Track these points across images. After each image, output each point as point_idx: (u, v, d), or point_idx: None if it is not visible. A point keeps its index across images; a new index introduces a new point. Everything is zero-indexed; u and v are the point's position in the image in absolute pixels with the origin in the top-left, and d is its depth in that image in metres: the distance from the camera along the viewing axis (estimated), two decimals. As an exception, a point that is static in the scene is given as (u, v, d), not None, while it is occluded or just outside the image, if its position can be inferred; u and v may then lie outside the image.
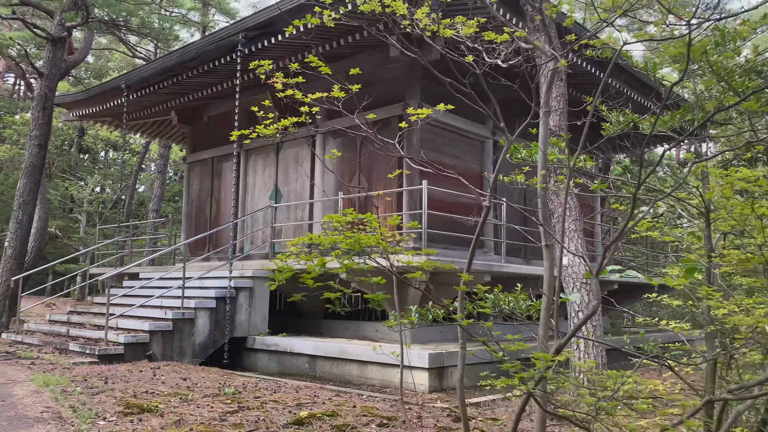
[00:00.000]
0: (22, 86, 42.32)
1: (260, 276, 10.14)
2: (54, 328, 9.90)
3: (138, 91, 12.59)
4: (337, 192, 11.41)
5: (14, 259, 12.66)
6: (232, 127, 14.80)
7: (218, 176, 14.23)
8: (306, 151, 12.21)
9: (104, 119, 15.19)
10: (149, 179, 35.32)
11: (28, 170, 12.84)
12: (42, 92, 13.08)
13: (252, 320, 9.98)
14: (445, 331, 10.38)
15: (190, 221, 14.83)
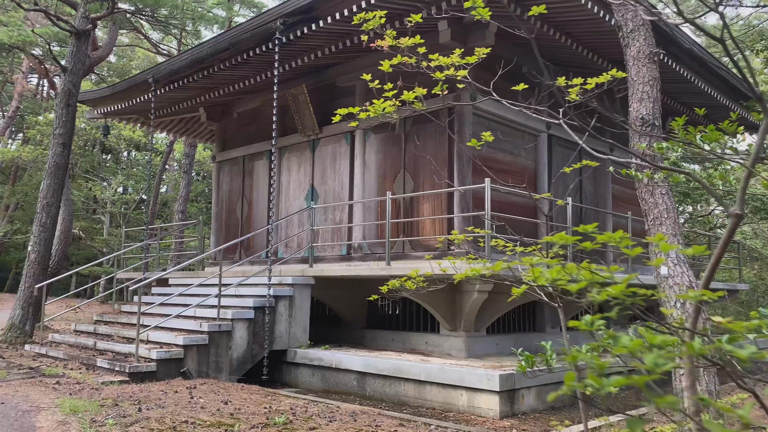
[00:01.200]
0: (45, 86, 42.17)
1: (301, 283, 9.34)
2: (80, 340, 9.20)
3: (166, 85, 11.87)
4: (379, 192, 10.57)
5: (38, 264, 12.02)
6: (263, 123, 14.06)
7: (250, 175, 13.47)
8: (344, 148, 11.39)
9: (130, 116, 14.53)
10: (172, 179, 34.85)
11: (51, 170, 12.19)
12: (65, 88, 12.42)
13: (292, 331, 9.19)
14: (501, 344, 9.50)
15: (220, 223, 14.10)
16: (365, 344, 10.31)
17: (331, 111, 12.24)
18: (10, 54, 29.41)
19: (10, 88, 37.30)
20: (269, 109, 13.27)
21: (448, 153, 9.68)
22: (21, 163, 31.10)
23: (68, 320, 20.32)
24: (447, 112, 9.73)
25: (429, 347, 9.35)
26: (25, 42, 19.45)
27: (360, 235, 10.83)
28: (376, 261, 10.40)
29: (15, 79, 33.97)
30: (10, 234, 33.88)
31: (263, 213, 13.00)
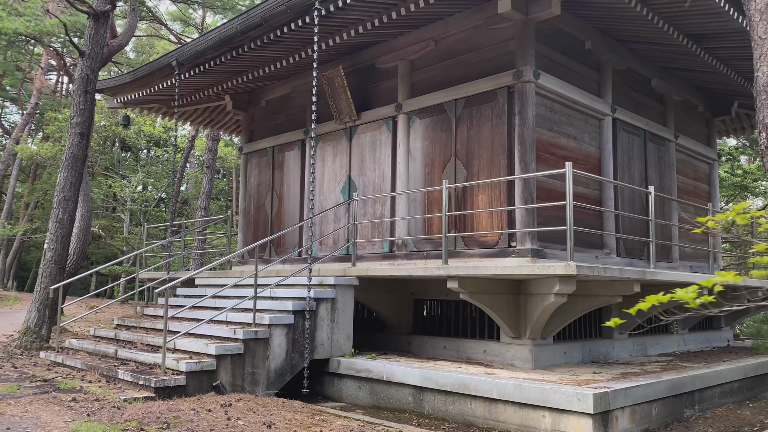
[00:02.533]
0: (64, 83, 41.73)
1: (344, 284, 8.34)
2: (100, 348, 8.28)
3: (191, 69, 10.92)
4: (426, 182, 9.54)
5: (55, 263, 11.16)
6: (293, 111, 13.05)
7: (280, 168, 12.50)
8: (385, 135, 10.36)
9: (151, 105, 13.63)
10: (192, 176, 34.12)
11: (68, 162, 11.32)
12: (83, 74, 11.55)
13: (335, 338, 8.18)
14: (568, 352, 8.42)
15: (248, 219, 13.15)
16: (412, 352, 9.28)
17: (370, 95, 11.24)
18: (28, 45, 28.82)
19: (28, 86, 36.85)
20: (300, 95, 12.31)
21: (507, 137, 8.61)
22: (40, 161, 30.55)
23: (88, 321, 19.54)
24: (506, 91, 8.66)
25: (488, 356, 8.30)
26: (42, 32, 18.71)
27: (404, 231, 9.80)
28: (423, 259, 9.37)
29: (34, 76, 33.45)
30: (30, 233, 33.39)
31: (295, 208, 12.03)
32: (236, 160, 35.04)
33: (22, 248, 36.73)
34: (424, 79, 9.96)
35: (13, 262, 35.81)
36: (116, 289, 31.54)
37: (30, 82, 35.24)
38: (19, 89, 37.82)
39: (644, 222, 10.38)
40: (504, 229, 8.44)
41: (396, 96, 10.23)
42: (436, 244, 9.31)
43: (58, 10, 22.94)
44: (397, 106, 10.08)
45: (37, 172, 37.06)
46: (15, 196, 34.54)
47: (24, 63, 36.17)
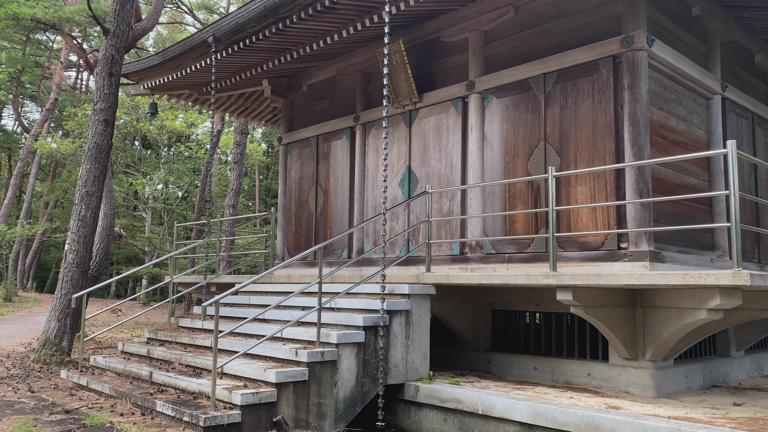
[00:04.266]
0: (83, 80, 40.86)
1: (419, 293, 6.97)
2: (131, 368, 6.99)
3: (229, 46, 9.62)
4: (507, 173, 8.14)
5: (77, 267, 9.92)
6: (341, 95, 11.58)
7: (325, 159, 11.16)
8: (453, 118, 8.98)
9: (181, 92, 12.37)
10: (216, 173, 32.99)
11: (92, 153, 10.08)
12: (107, 54, 10.29)
13: (410, 359, 6.82)
14: (690, 375, 6.98)
15: (289, 216, 11.83)
16: (493, 372, 7.89)
17: (433, 73, 9.58)
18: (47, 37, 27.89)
19: (46, 83, 36.00)
20: (348, 78, 10.96)
21: (614, 117, 7.19)
22: (59, 158, 29.58)
23: (109, 325, 18.45)
24: (611, 62, 7.24)
25: (594, 381, 6.88)
26: (61, 19, 17.57)
27: (479, 230, 8.41)
28: (503, 263, 7.98)
29: (53, 71, 32.53)
30: (50, 232, 32.48)
31: (343, 204, 10.69)
32: (261, 157, 33.91)
33: (41, 248, 35.87)
34: (501, 53, 8.56)
35: (32, 263, 34.96)
36: (138, 291, 30.50)
37: (49, 77, 34.36)
38: (38, 86, 36.99)
39: (752, 220, 8.91)
40: (612, 228, 7.01)
41: (466, 73, 8.84)
42: (520, 245, 7.91)
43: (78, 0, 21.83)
44: (469, 85, 8.69)
45: (56, 170, 36.19)
46: (34, 195, 33.68)
47: (43, 58, 35.32)
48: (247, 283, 6.02)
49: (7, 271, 30.19)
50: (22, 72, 35.08)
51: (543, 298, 7.46)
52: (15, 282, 29.60)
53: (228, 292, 5.72)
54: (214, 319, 5.44)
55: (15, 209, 36.54)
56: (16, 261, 31.63)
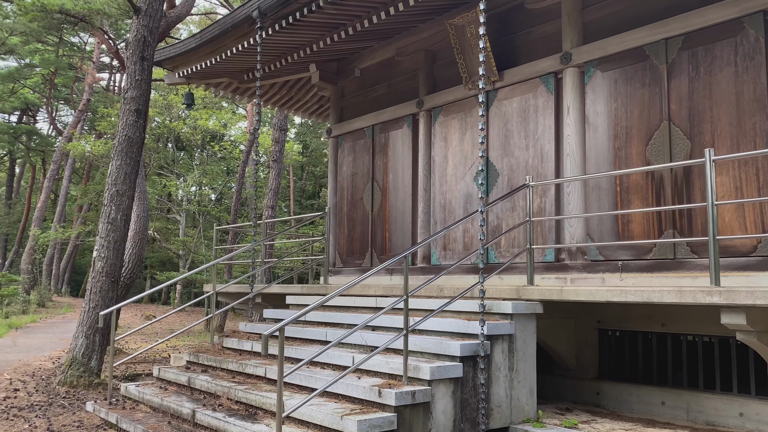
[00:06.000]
0: (115, 81, 40.38)
1: (523, 313, 5.55)
2: (168, 402, 5.73)
3: (276, 22, 8.35)
4: (617, 162, 6.67)
5: (106, 276, 8.75)
6: (400, 79, 9.98)
7: (382, 152, 9.82)
8: (543, 98, 7.54)
9: (220, 80, 11.15)
10: (251, 174, 31.99)
11: (122, 147, 8.91)
12: (139, 35, 9.12)
13: (514, 395, 5.41)
14: None
15: (341, 217, 10.51)
16: (604, 405, 6.43)
17: (516, 47, 6.36)
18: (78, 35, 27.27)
19: (79, 86, 35.51)
20: (409, 58, 9.57)
21: (767, 88, 5.67)
22: (93, 160, 28.89)
23: (142, 332, 17.40)
24: (761, 19, 5.73)
25: (748, 423, 5.37)
26: (91, 10, 16.60)
27: (580, 232, 6.96)
28: (616, 272, 6.51)
29: (85, 71, 31.95)
30: (83, 236, 31.87)
31: (404, 202, 9.32)
32: (296, 156, 32.80)
33: (75, 252, 35.36)
34: (604, 17, 7.10)
35: (66, 267, 34.45)
36: (172, 296, 29.68)
37: (82, 78, 33.84)
38: (71, 88, 36.58)
39: None
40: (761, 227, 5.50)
41: (559, 43, 7.40)
42: (637, 250, 6.43)
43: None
44: (563, 57, 7.23)
45: (90, 172, 35.68)
46: (68, 198, 33.16)
47: (76, 59, 34.83)
48: (314, 304, 4.67)
49: (41, 276, 29.63)
50: (56, 74, 34.66)
51: (673, 317, 5.98)
52: (49, 287, 29.01)
53: (295, 316, 4.38)
54: (278, 355, 4.11)
55: (49, 213, 36.17)
56: (50, 265, 31.10)
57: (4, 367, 10.23)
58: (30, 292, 26.06)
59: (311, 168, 40.10)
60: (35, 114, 42.06)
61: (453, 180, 8.57)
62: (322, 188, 38.73)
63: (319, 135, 42.95)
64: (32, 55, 34.00)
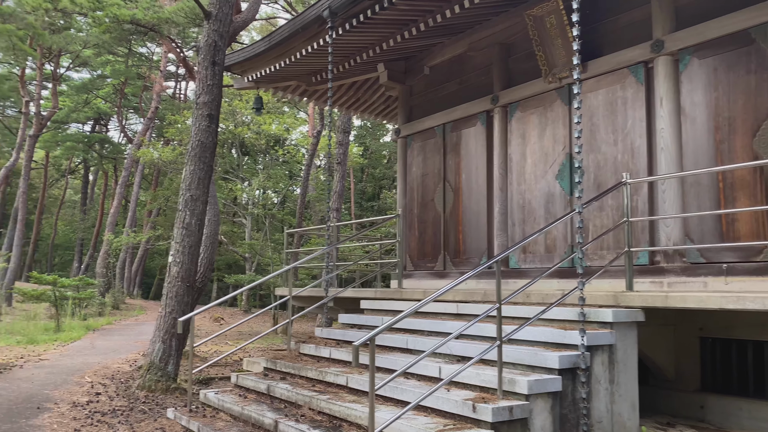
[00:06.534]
0: (181, 89, 41.54)
1: (624, 321, 5.13)
2: (249, 411, 5.61)
3: (346, 21, 8.18)
4: (717, 156, 6.13)
5: (182, 281, 8.81)
6: (472, 75, 9.48)
7: (454, 151, 9.50)
8: (632, 89, 7.05)
9: (288, 84, 11.11)
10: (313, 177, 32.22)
11: (195, 152, 8.94)
12: (210, 40, 9.14)
13: (615, 410, 5.00)
14: None
15: (411, 219, 10.26)
16: (709, 420, 5.90)
17: (599, 36, 5.47)
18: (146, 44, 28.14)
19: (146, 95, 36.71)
20: (482, 53, 9.20)
21: None
22: (161, 165, 29.75)
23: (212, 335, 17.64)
24: None
25: None
26: (160, 20, 16.98)
27: (677, 233, 6.45)
28: (720, 276, 5.98)
29: (153, 79, 32.96)
30: (153, 240, 32.88)
31: (478, 203, 8.98)
32: (358, 159, 32.82)
33: (146, 256, 36.56)
34: (698, 1, 6.57)
35: (138, 270, 35.64)
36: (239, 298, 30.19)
37: (150, 87, 34.96)
38: (140, 97, 37.86)
39: None
40: None
41: (649, 30, 6.90)
42: (744, 252, 5.89)
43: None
44: (654, 45, 6.74)
45: (158, 178, 36.82)
46: (138, 204, 34.28)
47: (144, 68, 36.02)
48: (408, 311, 4.41)
49: (114, 279, 30.72)
50: (125, 84, 35.95)
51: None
52: (122, 290, 30.03)
53: (387, 324, 4.13)
54: (370, 365, 3.87)
55: (121, 218, 37.52)
56: (122, 269, 32.21)
57: (85, 370, 10.48)
58: (105, 295, 27.02)
59: (371, 170, 40.11)
60: (107, 123, 43.82)
61: (532, 179, 8.17)
62: (381, 190, 38.67)
63: (378, 137, 42.92)
64: (104, 67, 35.41)
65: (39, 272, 24.04)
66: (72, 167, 47.01)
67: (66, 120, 38.25)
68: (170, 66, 36.45)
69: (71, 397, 7.84)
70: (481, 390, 4.76)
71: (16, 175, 35.12)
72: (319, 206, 31.21)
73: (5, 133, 38.53)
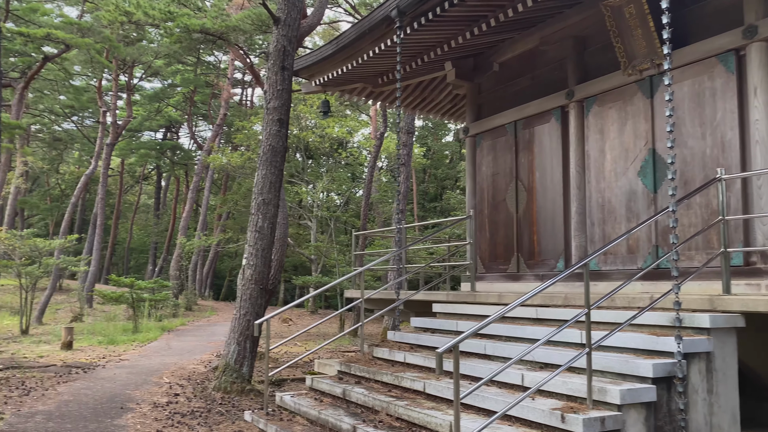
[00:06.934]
0: (248, 96, 42.55)
1: (722, 327, 4.78)
2: (326, 416, 5.57)
3: (414, 20, 8.07)
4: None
5: (255, 283, 8.93)
6: (545, 70, 9.04)
7: (526, 149, 9.23)
8: (721, 79, 6.61)
9: (354, 86, 11.11)
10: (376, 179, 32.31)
11: (266, 157, 9.05)
12: (279, 45, 9.23)
13: (714, 422, 4.66)
14: None
15: (481, 220, 10.04)
16: (819, 434, 5.43)
17: (685, 23, 4.78)
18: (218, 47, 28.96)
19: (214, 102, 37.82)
20: (555, 47, 8.80)
21: None
22: (230, 170, 30.56)
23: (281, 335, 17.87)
24: None
25: None
26: (228, 28, 17.40)
27: (780, 230, 5.98)
28: (828, 277, 5.50)
29: (221, 87, 33.89)
30: (223, 243, 33.80)
31: (554, 202, 8.67)
32: (420, 159, 32.68)
33: (216, 258, 37.63)
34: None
35: (208, 272, 36.72)
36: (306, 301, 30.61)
37: (218, 95, 36.01)
38: (208, 104, 39.05)
39: None
40: None
41: (740, 16, 6.46)
42: None
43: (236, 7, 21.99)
44: (747, 31, 6.29)
45: (227, 183, 37.85)
46: (208, 208, 35.35)
47: (212, 77, 37.14)
48: (494, 316, 4.26)
49: (187, 281, 31.77)
50: (195, 92, 37.16)
51: None
52: (194, 291, 31.00)
53: (472, 330, 3.97)
54: (454, 372, 3.73)
55: (192, 221, 38.80)
56: (194, 271, 33.27)
57: (163, 370, 10.80)
58: (178, 297, 27.97)
59: (433, 170, 39.90)
60: (177, 130, 45.44)
61: (612, 176, 7.81)
62: (444, 190, 38.38)
63: (440, 137, 42.63)
64: (174, 76, 36.76)
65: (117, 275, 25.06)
66: (145, 173, 49.02)
67: (139, 128, 39.91)
68: (237, 73, 37.44)
69: (151, 398, 8.07)
70: (567, 399, 4.53)
71: (93, 183, 36.88)
72: (382, 207, 31.27)
73: (84, 142, 40.56)
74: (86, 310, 24.70)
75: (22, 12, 22.89)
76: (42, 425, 6.34)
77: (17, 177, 28.15)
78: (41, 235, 28.59)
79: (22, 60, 24.49)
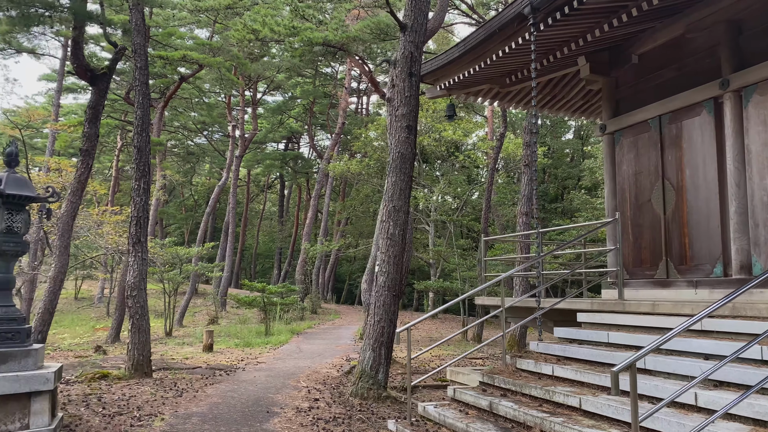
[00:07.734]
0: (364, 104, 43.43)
1: None
2: (474, 429, 5.39)
3: (548, 15, 7.72)
4: None
5: (388, 290, 8.95)
6: (693, 59, 8.18)
7: (673, 145, 8.53)
8: None
9: (480, 88, 10.87)
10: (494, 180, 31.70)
11: (396, 164, 9.05)
12: (406, 51, 9.21)
13: None
14: None
15: (623, 222, 9.42)
16: None
17: None
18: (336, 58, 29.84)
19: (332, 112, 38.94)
20: (704, 34, 8.08)
21: None
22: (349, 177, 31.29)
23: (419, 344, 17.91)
24: None
25: None
26: (348, 38, 17.77)
27: None
28: None
29: (339, 96, 34.81)
30: (343, 248, 34.67)
31: (708, 202, 7.93)
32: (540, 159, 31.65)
33: (336, 262, 38.68)
34: None
35: (330, 276, 37.79)
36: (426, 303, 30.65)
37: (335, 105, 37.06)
38: (327, 114, 40.28)
39: None
40: None
41: None
42: None
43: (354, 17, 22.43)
44: None
45: (345, 189, 38.83)
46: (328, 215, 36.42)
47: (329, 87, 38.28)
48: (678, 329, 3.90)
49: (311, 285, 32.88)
50: (314, 103, 38.47)
51: None
52: (318, 295, 32.02)
53: (654, 345, 3.64)
54: (631, 392, 3.42)
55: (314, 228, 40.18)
56: (317, 275, 34.38)
57: (298, 374, 11.13)
58: (304, 300, 28.98)
59: (552, 170, 38.52)
60: (298, 140, 47.33)
61: (779, 172, 7.01)
62: (566, 190, 36.93)
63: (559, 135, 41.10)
64: (294, 89, 38.28)
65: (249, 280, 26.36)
66: (269, 182, 51.48)
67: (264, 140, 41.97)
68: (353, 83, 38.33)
69: (293, 402, 8.29)
70: (754, 423, 4.05)
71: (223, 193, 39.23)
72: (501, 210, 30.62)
73: (214, 155, 43.29)
74: (221, 313, 26.21)
75: (160, 37, 24.78)
76: (198, 427, 6.68)
77: (158, 189, 30.55)
78: (178, 243, 30.80)
79: (161, 81, 26.53)
